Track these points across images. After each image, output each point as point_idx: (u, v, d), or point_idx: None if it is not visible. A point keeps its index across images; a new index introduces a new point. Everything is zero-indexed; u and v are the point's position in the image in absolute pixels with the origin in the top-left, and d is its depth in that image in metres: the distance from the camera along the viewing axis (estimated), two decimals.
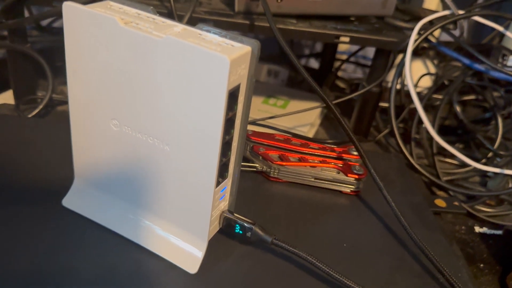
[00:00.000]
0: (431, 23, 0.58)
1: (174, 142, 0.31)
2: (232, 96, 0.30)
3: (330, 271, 0.33)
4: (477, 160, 0.59)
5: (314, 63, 0.93)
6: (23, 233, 0.35)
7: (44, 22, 0.77)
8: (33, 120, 0.52)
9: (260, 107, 0.68)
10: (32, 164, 0.42)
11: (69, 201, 0.38)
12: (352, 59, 0.88)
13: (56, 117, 0.56)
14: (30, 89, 0.57)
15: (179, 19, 0.49)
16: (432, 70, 0.70)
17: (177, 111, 0.30)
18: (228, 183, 0.34)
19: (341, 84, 0.81)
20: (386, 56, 0.56)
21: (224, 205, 0.35)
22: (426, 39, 0.61)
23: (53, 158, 0.42)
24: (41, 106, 0.53)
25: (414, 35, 0.55)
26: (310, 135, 0.64)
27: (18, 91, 0.55)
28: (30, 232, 0.35)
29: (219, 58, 0.27)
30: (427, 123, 0.55)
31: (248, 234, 0.35)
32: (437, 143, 0.57)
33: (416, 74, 0.70)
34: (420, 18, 0.57)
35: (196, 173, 0.32)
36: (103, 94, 0.33)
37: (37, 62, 0.54)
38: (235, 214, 0.36)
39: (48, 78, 0.54)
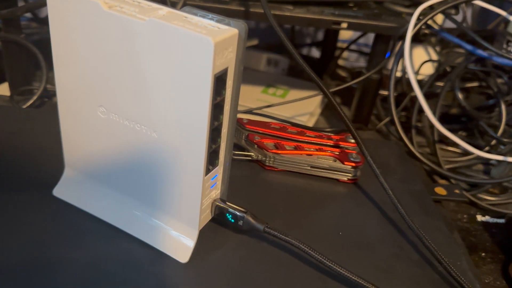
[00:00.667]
0: (431, 8, 0.56)
1: (161, 128, 0.31)
2: (220, 80, 0.29)
3: (323, 259, 0.32)
4: (480, 148, 0.58)
5: (316, 52, 0.91)
6: (13, 222, 0.34)
7: (43, 14, 0.77)
8: (27, 110, 0.51)
9: (259, 97, 0.67)
10: (25, 154, 0.41)
11: (59, 191, 0.37)
12: (354, 47, 0.87)
13: (51, 107, 0.55)
14: (26, 80, 0.56)
15: (173, 6, 0.48)
16: (434, 57, 0.69)
17: (163, 97, 0.29)
18: (219, 170, 0.34)
19: (342, 73, 0.80)
20: (386, 42, 0.55)
21: (215, 193, 0.35)
22: (427, 25, 0.59)
23: (46, 148, 0.41)
24: (35, 97, 0.52)
25: (413, 20, 0.54)
26: (310, 124, 0.63)
27: (13, 82, 0.55)
28: (20, 221, 0.34)
29: (203, 40, 0.26)
30: (427, 110, 0.54)
31: (240, 222, 0.35)
32: (439, 131, 0.56)
33: (418, 62, 0.68)
34: (420, 3, 0.55)
35: (184, 161, 0.31)
36: (89, 80, 0.32)
37: (32, 52, 0.53)
38: (227, 203, 0.35)
39: (43, 68, 0.53)
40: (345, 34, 0.86)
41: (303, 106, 0.63)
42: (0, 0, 0.50)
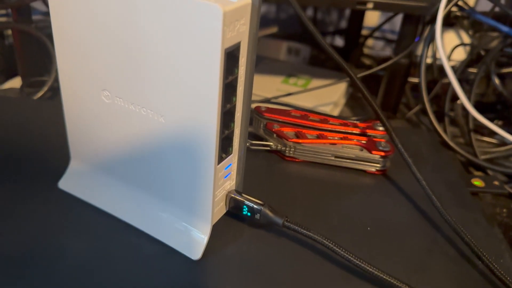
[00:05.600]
0: None
1: (169, 112, 0.28)
2: (231, 56, 0.26)
3: (349, 256, 0.29)
4: None
5: (339, 42, 0.87)
6: (17, 213, 0.33)
7: None
8: (36, 101, 0.49)
9: (280, 87, 0.63)
10: (32, 145, 0.39)
11: (65, 184, 0.35)
12: (380, 34, 0.83)
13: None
14: (37, 71, 0.54)
15: None
16: (467, 41, 0.64)
17: (169, 76, 0.27)
18: (233, 159, 0.31)
19: (367, 62, 0.76)
20: (415, 23, 0.51)
21: (230, 184, 0.32)
22: (459, 7, 0.55)
23: (53, 140, 0.39)
24: (46, 88, 0.50)
25: None
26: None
27: (24, 73, 0.53)
28: (24, 213, 0.33)
29: (211, 8, 0.23)
30: (462, 96, 0.49)
31: (257, 216, 0.32)
32: (474, 120, 0.51)
33: (449, 47, 0.64)
34: None
35: (195, 148, 0.28)
36: (91, 62, 0.30)
37: (43, 42, 0.52)
38: (243, 195, 0.32)
39: (53, 58, 0.51)
40: (370, 20, 0.83)
41: (326, 95, 0.60)
42: None
